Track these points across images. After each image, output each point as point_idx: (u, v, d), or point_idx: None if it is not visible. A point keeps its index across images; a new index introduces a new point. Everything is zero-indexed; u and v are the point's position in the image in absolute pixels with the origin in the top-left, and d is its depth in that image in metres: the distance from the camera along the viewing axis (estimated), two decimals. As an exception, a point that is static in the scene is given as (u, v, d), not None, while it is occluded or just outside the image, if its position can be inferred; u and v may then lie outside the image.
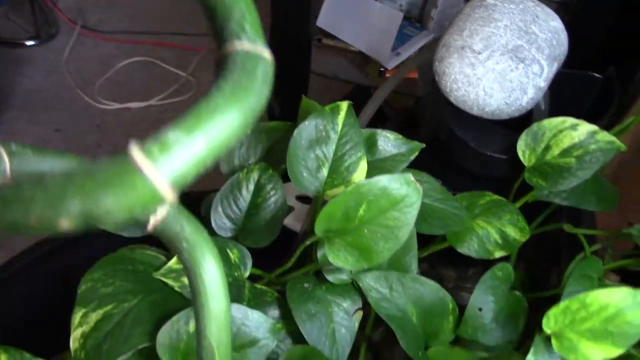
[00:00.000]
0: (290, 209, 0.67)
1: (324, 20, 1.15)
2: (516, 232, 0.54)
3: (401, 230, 0.43)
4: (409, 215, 0.42)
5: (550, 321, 0.40)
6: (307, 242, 0.48)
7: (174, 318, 0.41)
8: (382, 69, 1.10)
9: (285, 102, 1.12)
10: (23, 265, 0.75)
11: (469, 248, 0.54)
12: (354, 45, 1.13)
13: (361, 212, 0.42)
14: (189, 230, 0.21)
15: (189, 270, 0.22)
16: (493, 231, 0.54)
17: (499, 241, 0.54)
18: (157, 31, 1.88)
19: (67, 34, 1.88)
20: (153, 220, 0.21)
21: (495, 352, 0.55)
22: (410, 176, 0.42)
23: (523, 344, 0.58)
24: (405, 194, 0.42)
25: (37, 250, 0.77)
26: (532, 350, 0.42)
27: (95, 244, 0.56)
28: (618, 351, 0.39)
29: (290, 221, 0.80)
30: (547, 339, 0.42)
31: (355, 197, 0.42)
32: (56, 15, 1.87)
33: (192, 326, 0.41)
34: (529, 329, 0.57)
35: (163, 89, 1.73)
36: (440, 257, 0.69)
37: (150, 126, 1.55)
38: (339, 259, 0.44)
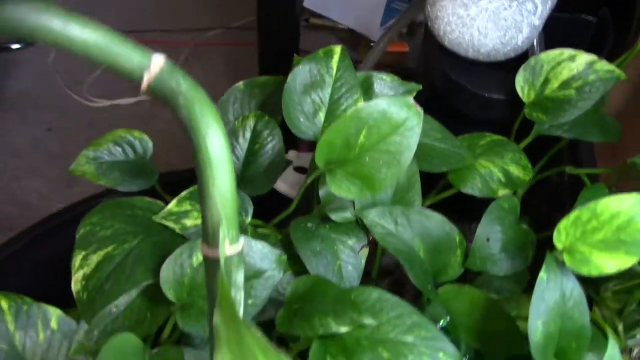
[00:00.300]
0: (289, 163, 0.66)
1: (311, 0, 1.15)
2: (519, 170, 0.54)
3: (403, 156, 0.42)
4: (410, 140, 0.42)
5: (562, 235, 0.39)
6: (309, 181, 0.47)
7: (177, 251, 0.40)
8: (372, 44, 1.09)
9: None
10: (11, 254, 0.73)
11: (473, 188, 0.53)
12: (343, 23, 1.13)
13: (362, 139, 0.42)
14: (185, 86, 0.21)
15: (188, 127, 0.21)
16: (496, 170, 0.53)
17: (503, 180, 0.53)
18: (144, 29, 1.87)
19: (54, 36, 1.85)
20: (147, 77, 0.21)
21: (504, 293, 0.55)
22: (410, 99, 0.41)
23: (531, 287, 0.57)
24: (405, 117, 0.41)
25: (24, 238, 0.75)
26: (544, 268, 0.41)
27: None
28: (632, 260, 0.39)
29: (287, 189, 0.80)
30: (559, 257, 0.41)
31: (356, 123, 0.41)
32: (42, 18, 1.85)
33: (196, 259, 0.40)
34: (536, 269, 0.56)
35: (153, 85, 1.71)
36: (442, 213, 0.69)
37: (143, 121, 1.54)
38: (342, 190, 0.43)
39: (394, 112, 0.41)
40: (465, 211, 0.70)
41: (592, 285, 0.53)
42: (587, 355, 0.44)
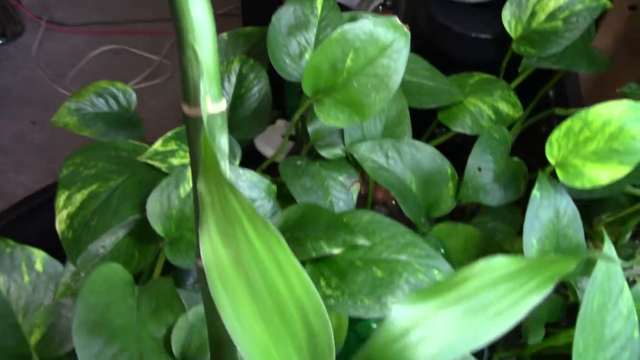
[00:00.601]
0: (276, 114, 0.65)
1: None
2: (509, 107, 0.53)
3: (391, 79, 0.41)
4: (398, 62, 0.41)
5: (554, 148, 0.39)
6: (297, 117, 0.47)
7: (163, 182, 0.39)
8: (356, 16, 1.09)
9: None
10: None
11: (463, 126, 0.52)
12: (327, -4, 1.12)
13: (349, 62, 0.41)
14: None
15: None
16: (485, 107, 0.53)
17: (493, 117, 0.53)
18: (126, 20, 1.86)
19: (34, 31, 1.85)
20: None
21: (498, 235, 0.54)
22: (396, 19, 0.41)
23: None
24: (392, 38, 0.41)
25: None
26: (536, 186, 0.40)
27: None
28: (625, 170, 0.38)
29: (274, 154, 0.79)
30: (552, 174, 0.40)
31: (342, 45, 0.40)
32: (20, 13, 1.84)
33: (182, 190, 0.39)
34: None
35: (138, 74, 1.70)
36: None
37: (128, 110, 1.53)
38: (330, 118, 0.42)
39: (380, 33, 0.40)
40: (459, 165, 0.70)
41: (585, 219, 0.53)
42: (582, 278, 0.43)
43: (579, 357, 0.31)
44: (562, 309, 0.45)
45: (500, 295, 0.27)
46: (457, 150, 0.60)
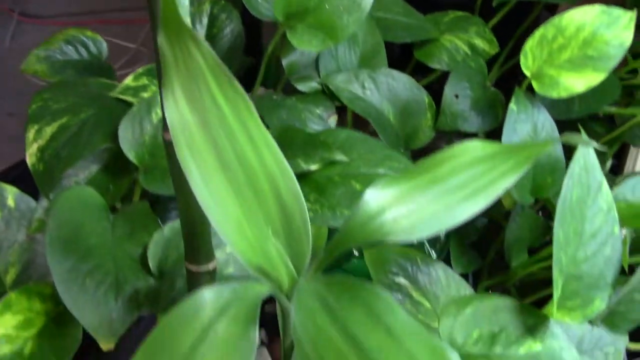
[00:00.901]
0: (251, 61, 0.64)
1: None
2: (484, 43, 0.53)
3: (364, -1, 0.41)
4: (370, -18, 0.40)
5: (528, 59, 0.38)
6: (270, 49, 0.46)
7: (134, 108, 0.38)
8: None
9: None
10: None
11: (440, 62, 0.52)
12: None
13: (320, -17, 0.40)
14: None
15: None
16: (461, 43, 0.53)
17: (469, 52, 0.52)
18: (99, 10, 1.84)
19: (6, 24, 1.82)
20: None
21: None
22: (365, -62, 0.40)
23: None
24: (362, -43, 0.40)
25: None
26: (513, 100, 0.40)
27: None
28: (600, 76, 0.38)
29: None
30: (528, 88, 0.40)
31: (311, -34, 0.40)
32: (-7, 7, 1.80)
33: (155, 115, 0.39)
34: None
35: (114, 62, 1.68)
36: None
37: (106, 97, 1.51)
38: (304, 42, 0.42)
39: (349, -48, 0.40)
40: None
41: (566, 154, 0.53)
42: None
43: (559, 248, 0.31)
44: (544, 231, 0.45)
45: (476, 175, 0.27)
46: (434, 95, 0.60)
